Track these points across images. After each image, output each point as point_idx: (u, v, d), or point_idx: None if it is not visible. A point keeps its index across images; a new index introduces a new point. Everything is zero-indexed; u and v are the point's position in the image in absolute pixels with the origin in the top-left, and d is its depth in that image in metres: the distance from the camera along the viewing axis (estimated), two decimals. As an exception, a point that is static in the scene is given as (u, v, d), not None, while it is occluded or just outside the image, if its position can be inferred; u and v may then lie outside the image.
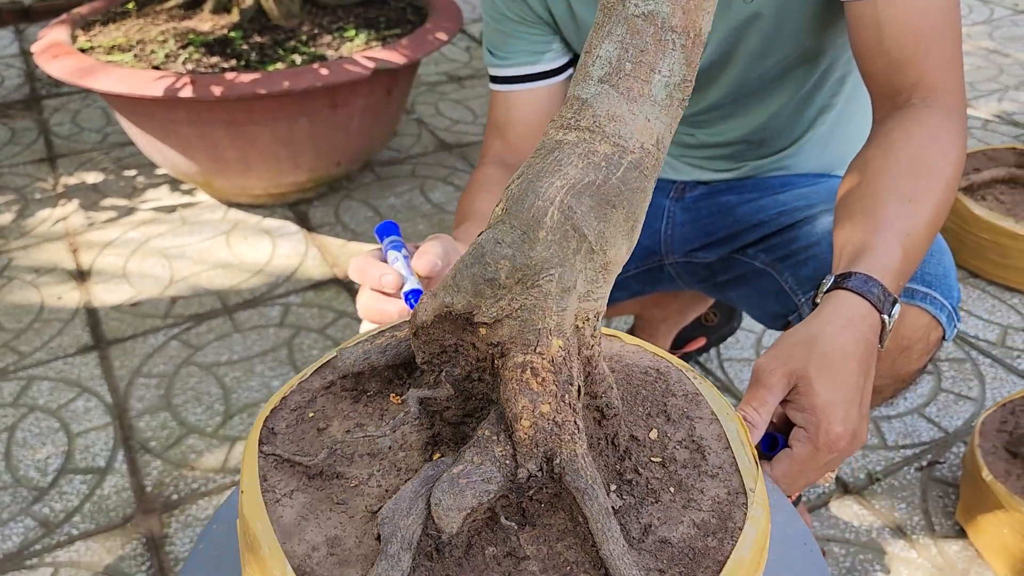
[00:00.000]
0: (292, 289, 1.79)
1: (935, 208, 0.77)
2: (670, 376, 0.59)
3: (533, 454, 0.47)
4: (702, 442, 0.53)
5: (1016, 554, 1.13)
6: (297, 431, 0.54)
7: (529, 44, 1.02)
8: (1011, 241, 1.66)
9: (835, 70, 1.02)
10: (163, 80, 1.70)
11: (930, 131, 0.80)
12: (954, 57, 0.83)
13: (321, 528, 0.48)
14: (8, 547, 1.25)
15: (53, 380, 1.56)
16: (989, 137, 2.31)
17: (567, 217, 0.46)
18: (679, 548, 0.48)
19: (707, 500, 0.50)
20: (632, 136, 0.47)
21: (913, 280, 0.84)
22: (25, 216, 2.07)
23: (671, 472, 0.52)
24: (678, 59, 0.47)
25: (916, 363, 0.88)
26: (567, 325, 0.47)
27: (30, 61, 2.99)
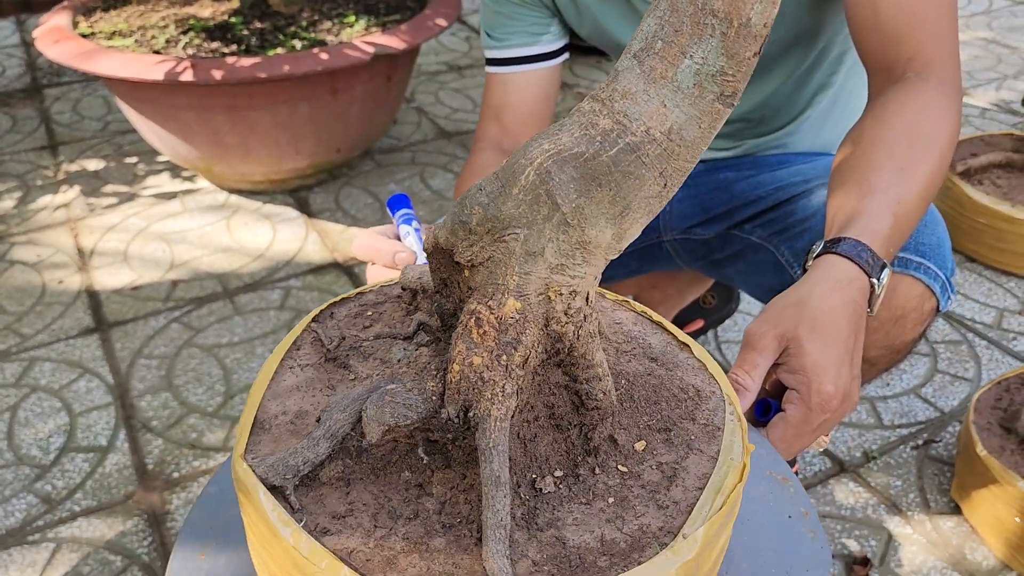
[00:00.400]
0: (292, 273, 1.80)
1: (928, 177, 0.78)
2: (707, 402, 0.56)
3: (454, 399, 0.48)
4: (680, 474, 0.51)
5: (1010, 528, 1.14)
6: (350, 321, 0.59)
7: (528, 26, 1.03)
8: (1007, 225, 1.67)
9: (833, 47, 1.03)
10: (164, 64, 1.71)
11: (925, 103, 0.80)
12: (949, 31, 0.84)
13: (301, 401, 0.53)
14: (11, 523, 1.26)
15: (55, 361, 1.57)
16: (987, 125, 2.31)
17: (542, 180, 0.44)
18: (568, 552, 0.46)
19: (634, 525, 0.48)
20: (639, 117, 0.43)
21: (907, 250, 0.85)
22: (27, 202, 2.08)
23: (626, 486, 0.50)
24: (714, 47, 0.42)
25: (910, 333, 0.89)
26: (531, 290, 0.47)
27: (31, 51, 3.00)
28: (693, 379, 0.57)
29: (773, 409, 0.69)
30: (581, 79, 2.70)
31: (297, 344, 0.58)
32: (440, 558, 0.46)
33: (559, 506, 0.49)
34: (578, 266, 0.47)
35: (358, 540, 0.47)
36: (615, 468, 0.51)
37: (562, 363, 0.51)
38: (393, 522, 0.48)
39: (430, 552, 0.46)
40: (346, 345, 0.57)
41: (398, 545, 0.47)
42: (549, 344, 0.50)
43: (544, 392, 0.52)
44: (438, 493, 0.49)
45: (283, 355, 0.57)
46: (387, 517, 0.48)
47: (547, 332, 0.49)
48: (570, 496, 0.50)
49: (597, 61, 2.77)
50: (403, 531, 0.47)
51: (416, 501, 0.49)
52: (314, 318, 0.60)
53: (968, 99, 2.47)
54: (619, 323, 0.62)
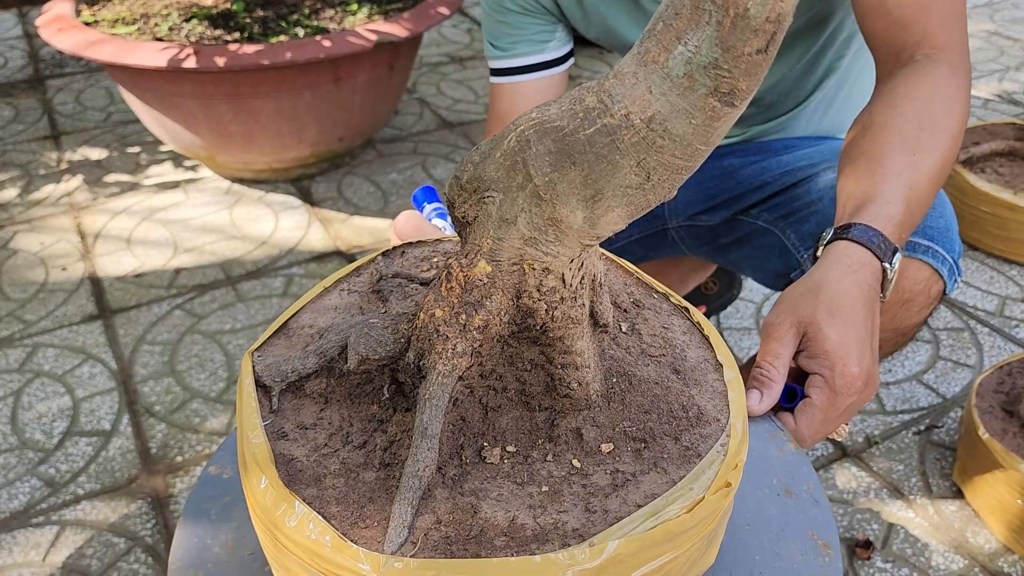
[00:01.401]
0: (295, 261, 1.80)
1: (939, 161, 0.77)
2: (702, 427, 0.53)
3: (415, 346, 0.49)
4: (629, 487, 0.49)
5: (1012, 511, 1.14)
6: (414, 263, 0.63)
7: (533, 34, 1.02)
8: (1010, 213, 1.67)
9: (842, 31, 1.03)
10: (167, 51, 1.71)
11: (934, 85, 0.80)
12: (957, 14, 0.83)
13: (332, 319, 0.57)
14: (15, 506, 1.26)
15: (58, 347, 1.57)
16: (990, 116, 2.31)
17: (521, 148, 0.43)
18: (474, 521, 0.46)
19: (551, 519, 0.47)
20: (621, 100, 0.41)
21: (915, 234, 0.85)
22: (30, 191, 2.08)
23: (568, 481, 0.49)
24: (708, 36, 0.39)
25: (917, 316, 0.89)
26: (504, 257, 0.47)
27: (34, 42, 3.00)
28: (704, 401, 0.55)
29: (799, 396, 0.69)
30: (584, 70, 2.70)
31: (359, 271, 0.62)
32: (360, 489, 0.47)
33: (492, 479, 0.49)
34: (551, 243, 0.46)
35: (303, 451, 0.50)
36: (568, 461, 0.51)
37: (537, 341, 0.51)
38: (342, 446, 0.50)
39: (357, 482, 0.48)
40: (394, 282, 0.59)
41: (333, 466, 0.49)
42: (519, 317, 0.49)
43: (517, 366, 0.52)
44: (391, 432, 0.50)
45: (342, 276, 0.61)
46: (339, 440, 0.51)
47: (518, 304, 0.48)
48: (508, 473, 0.50)
49: (600, 52, 2.77)
50: (344, 456, 0.49)
51: (371, 434, 0.50)
52: (384, 252, 0.63)
53: (971, 90, 2.47)
54: (667, 328, 0.60)
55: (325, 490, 0.48)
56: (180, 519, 0.61)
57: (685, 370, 0.57)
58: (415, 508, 0.46)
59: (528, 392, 0.52)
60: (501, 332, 0.50)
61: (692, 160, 0.42)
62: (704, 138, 0.41)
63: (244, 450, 0.50)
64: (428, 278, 0.59)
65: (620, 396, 0.54)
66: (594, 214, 0.44)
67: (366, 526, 0.46)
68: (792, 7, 0.38)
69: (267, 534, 0.48)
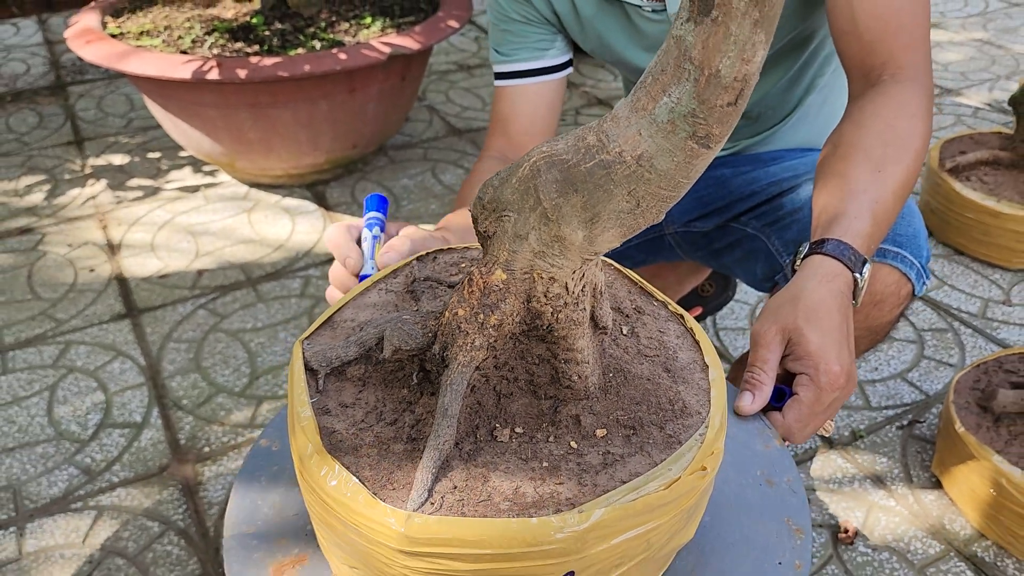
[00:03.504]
0: (311, 263, 1.89)
1: (903, 175, 0.86)
2: (685, 419, 0.60)
3: (440, 340, 0.59)
4: (617, 466, 0.56)
5: (985, 500, 1.23)
6: (445, 267, 0.71)
7: (533, 42, 1.09)
8: (993, 220, 1.75)
9: (822, 50, 1.11)
10: (191, 63, 1.80)
11: (898, 105, 0.89)
12: (922, 39, 0.92)
13: (371, 314, 0.67)
14: (54, 492, 1.35)
15: (89, 344, 1.66)
16: (979, 124, 2.39)
17: (533, 176, 0.52)
18: (483, 487, 0.55)
19: (548, 489, 0.54)
20: (616, 139, 0.48)
21: (885, 241, 0.93)
22: (56, 195, 2.17)
23: (566, 459, 0.57)
24: (687, 90, 0.46)
25: (888, 315, 0.97)
26: (517, 267, 0.55)
27: (54, 49, 3.09)
28: (689, 397, 0.62)
29: (787, 395, 0.76)
30: (587, 78, 2.79)
31: (396, 273, 0.70)
32: (391, 459, 0.57)
33: (502, 454, 0.58)
34: (556, 256, 0.54)
35: (343, 425, 0.59)
36: (567, 443, 0.59)
37: (544, 339, 0.59)
38: (376, 422, 0.59)
39: (387, 452, 0.57)
40: (426, 284, 0.68)
41: (368, 439, 0.58)
42: (529, 318, 0.58)
43: (527, 360, 0.60)
44: (418, 412, 0.59)
45: (381, 278, 0.70)
46: (375, 417, 0.60)
47: (528, 307, 0.57)
48: (516, 450, 0.58)
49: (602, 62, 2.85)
50: (378, 431, 0.59)
51: (401, 413, 0.60)
52: (419, 257, 0.71)
53: (961, 99, 2.55)
54: (662, 332, 0.68)
55: (361, 458, 0.57)
56: (235, 484, 0.70)
57: (675, 369, 0.65)
58: (435, 475, 0.55)
59: (536, 383, 0.61)
60: (513, 330, 0.58)
61: (676, 191, 0.50)
62: (685, 173, 0.49)
63: (294, 423, 0.59)
64: (455, 281, 0.68)
65: (616, 389, 0.62)
66: (592, 233, 0.52)
67: (394, 488, 0.55)
68: (757, 68, 0.45)
69: (312, 493, 0.57)
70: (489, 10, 1.12)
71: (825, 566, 1.21)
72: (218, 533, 1.28)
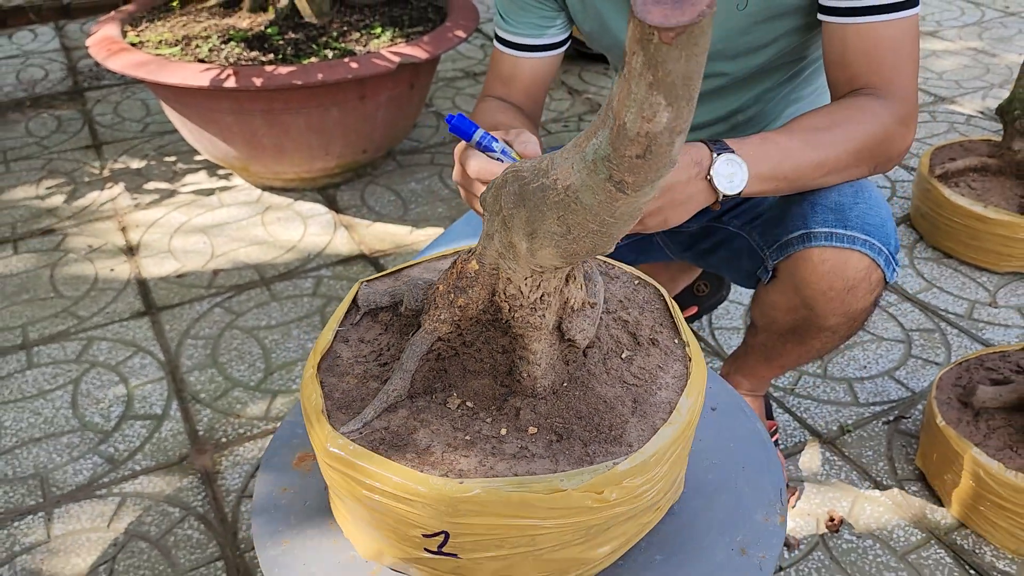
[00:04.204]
0: (323, 264, 1.96)
1: (833, 153, 0.95)
2: (614, 446, 0.65)
3: (424, 306, 0.71)
4: (520, 459, 0.64)
5: (964, 490, 1.29)
6: None
7: (536, 19, 1.15)
8: (981, 224, 1.82)
9: (812, 65, 1.18)
10: (209, 72, 1.87)
11: (860, 106, 0.96)
12: (904, 73, 0.98)
13: (427, 275, 0.77)
14: (80, 480, 1.42)
15: (111, 341, 1.74)
16: (972, 131, 2.46)
17: (502, 184, 0.61)
18: (401, 434, 0.66)
19: (450, 457, 0.64)
20: (556, 168, 0.55)
21: (854, 230, 1.00)
22: (76, 197, 2.25)
23: (486, 439, 0.65)
24: (605, 136, 0.50)
25: (862, 302, 1.04)
26: (486, 261, 0.65)
27: (71, 55, 3.17)
28: (633, 430, 0.66)
29: None
30: (590, 85, 2.86)
31: (446, 257, 0.84)
32: (361, 390, 0.69)
33: (441, 418, 0.67)
34: (510, 260, 0.62)
35: (349, 353, 0.72)
36: (500, 427, 0.66)
37: (507, 333, 0.68)
38: (372, 360, 0.72)
39: (362, 386, 0.69)
40: None
41: (358, 371, 0.71)
42: (492, 309, 0.67)
43: (491, 346, 0.69)
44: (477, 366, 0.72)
45: (433, 258, 0.83)
46: (374, 356, 0.72)
47: (492, 300, 0.66)
48: (454, 418, 0.67)
49: (605, 69, 2.92)
50: (368, 367, 0.71)
51: (392, 359, 0.72)
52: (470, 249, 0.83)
53: (955, 106, 2.61)
54: (661, 368, 0.72)
55: (342, 382, 0.69)
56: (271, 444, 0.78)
57: (644, 403, 0.68)
58: (376, 414, 0.66)
59: (497, 369, 0.69)
60: (478, 316, 0.67)
61: (604, 229, 0.55)
62: (609, 212, 0.54)
63: (319, 339, 0.72)
64: None
65: (567, 399, 0.68)
66: (532, 246, 0.60)
67: (345, 414, 0.67)
68: (664, 129, 0.48)
69: (303, 397, 0.69)
70: None
71: (812, 552, 1.27)
72: (235, 519, 1.35)
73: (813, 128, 0.95)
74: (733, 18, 1.04)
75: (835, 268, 1.01)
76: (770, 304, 1.14)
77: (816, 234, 1.02)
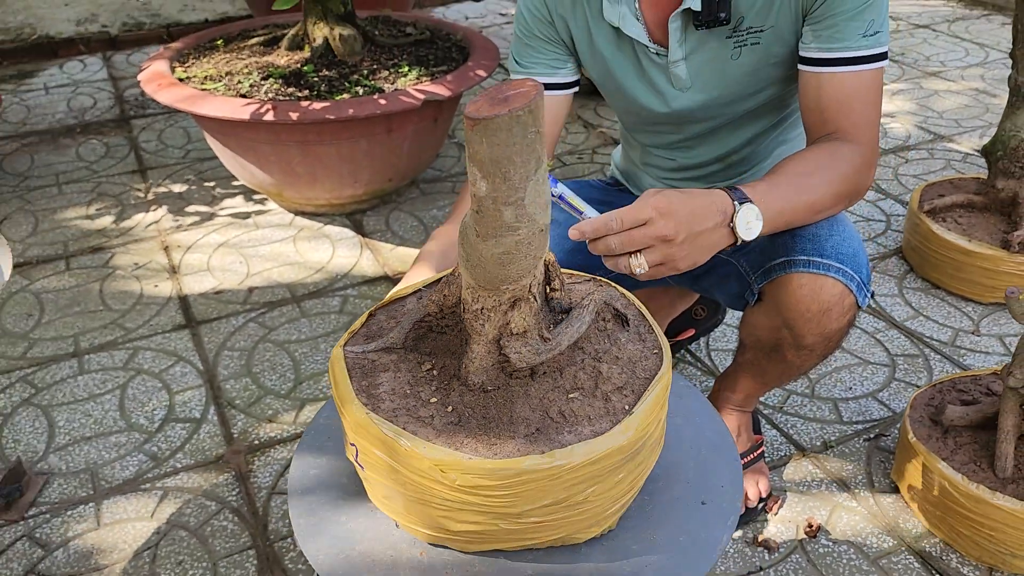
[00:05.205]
0: (349, 284, 2.12)
1: (814, 195, 1.08)
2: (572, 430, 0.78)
3: None
4: (418, 421, 0.79)
5: (934, 502, 1.40)
6: None
7: (549, 60, 1.27)
8: (965, 257, 1.93)
9: (794, 112, 1.32)
10: (250, 106, 2.04)
11: (831, 151, 1.10)
12: (868, 120, 1.12)
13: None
14: (126, 475, 1.57)
15: (154, 351, 1.90)
16: (968, 168, 2.57)
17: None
18: (370, 374, 0.83)
19: (386, 404, 0.80)
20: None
21: (829, 258, 1.13)
22: (123, 219, 2.42)
23: (415, 398, 0.81)
24: None
25: (837, 323, 1.17)
26: (458, 272, 0.82)
27: (118, 85, 3.38)
28: (502, 447, 0.76)
29: None
30: (604, 120, 3.01)
31: None
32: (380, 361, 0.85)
33: (408, 371, 0.82)
34: (464, 275, 0.79)
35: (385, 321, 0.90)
36: (434, 395, 0.81)
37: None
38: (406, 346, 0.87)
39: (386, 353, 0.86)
40: None
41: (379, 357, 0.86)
42: (460, 307, 0.83)
43: (458, 334, 0.84)
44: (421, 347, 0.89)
45: None
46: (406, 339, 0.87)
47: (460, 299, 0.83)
48: (417, 373, 0.82)
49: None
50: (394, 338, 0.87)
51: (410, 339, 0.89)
52: None
53: (952, 144, 2.73)
54: (589, 422, 0.81)
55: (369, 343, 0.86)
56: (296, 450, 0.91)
57: (539, 439, 0.78)
58: (376, 348, 0.83)
59: (458, 353, 0.83)
60: (454, 308, 0.83)
61: (481, 263, 0.72)
62: (476, 253, 0.74)
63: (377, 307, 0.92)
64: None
65: (486, 399, 0.79)
66: (465, 269, 0.77)
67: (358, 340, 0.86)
68: (484, 195, 0.67)
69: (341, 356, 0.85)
70: (516, 24, 1.29)
71: (790, 555, 1.38)
72: (266, 512, 1.49)
73: (799, 173, 1.08)
74: (729, 67, 1.18)
75: (812, 292, 1.14)
76: (755, 324, 1.27)
77: (796, 261, 1.15)
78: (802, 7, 1.10)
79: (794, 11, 1.11)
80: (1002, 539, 1.31)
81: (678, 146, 1.35)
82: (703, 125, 1.29)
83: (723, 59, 1.17)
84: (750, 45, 1.15)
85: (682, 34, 1.16)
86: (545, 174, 0.67)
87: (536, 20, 1.25)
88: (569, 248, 1.26)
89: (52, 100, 3.25)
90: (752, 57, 1.16)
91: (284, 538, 1.43)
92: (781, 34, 1.14)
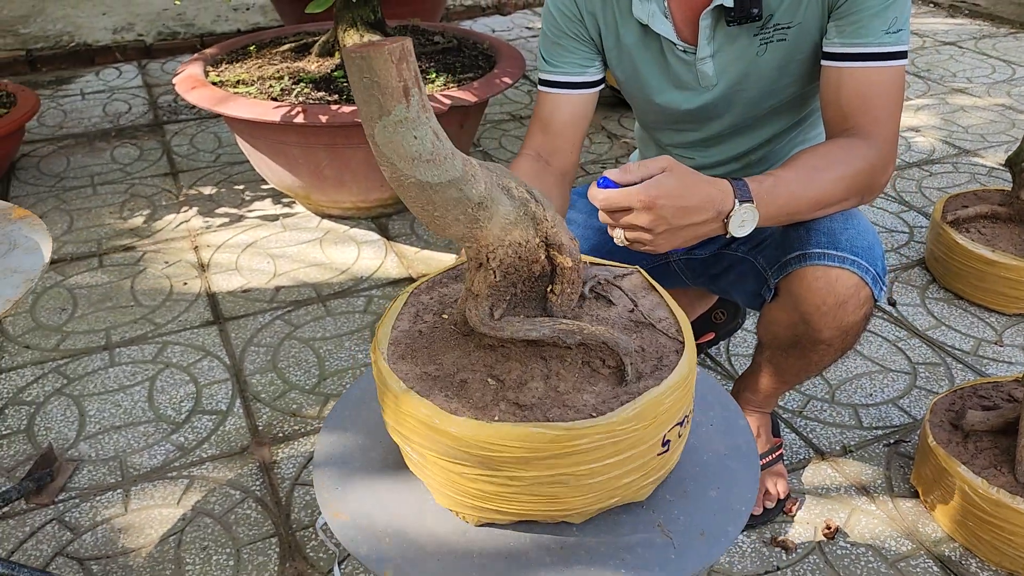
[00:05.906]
0: (374, 285, 2.15)
1: (825, 189, 1.09)
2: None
3: None
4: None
5: (953, 506, 1.40)
6: None
7: (577, 59, 1.29)
8: (987, 267, 1.93)
9: (813, 112, 1.34)
10: (280, 109, 2.09)
11: (848, 147, 1.11)
12: (888, 117, 1.13)
13: None
14: (154, 463, 1.61)
15: (183, 345, 1.94)
16: (992, 183, 2.57)
17: None
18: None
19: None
20: None
21: (844, 251, 1.15)
22: (154, 219, 2.48)
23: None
24: None
25: (853, 316, 1.18)
26: None
27: (152, 91, 3.46)
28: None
29: None
30: (627, 130, 3.04)
31: None
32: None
33: None
34: None
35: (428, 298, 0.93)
36: None
37: None
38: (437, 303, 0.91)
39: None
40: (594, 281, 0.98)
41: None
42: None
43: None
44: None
45: None
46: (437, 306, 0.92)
47: None
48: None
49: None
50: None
51: None
52: None
53: (977, 159, 2.73)
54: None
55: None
56: (324, 422, 0.94)
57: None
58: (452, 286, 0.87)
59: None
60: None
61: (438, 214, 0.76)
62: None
63: None
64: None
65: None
66: None
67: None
68: None
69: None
70: (545, 24, 1.31)
71: (808, 556, 1.39)
72: (289, 502, 1.51)
73: (812, 167, 1.09)
74: (754, 64, 1.20)
75: (827, 284, 1.16)
76: (773, 320, 1.28)
77: (811, 254, 1.16)
78: (828, 3, 1.13)
79: (821, 7, 1.13)
80: (1022, 544, 1.31)
81: (698, 145, 1.37)
82: (724, 123, 1.31)
83: (749, 56, 1.19)
84: (776, 42, 1.17)
85: (712, 31, 1.18)
86: (408, 132, 0.69)
87: (565, 18, 1.28)
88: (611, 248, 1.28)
89: (88, 105, 3.33)
90: (777, 54, 1.19)
91: (306, 527, 1.46)
92: (807, 30, 1.16)
